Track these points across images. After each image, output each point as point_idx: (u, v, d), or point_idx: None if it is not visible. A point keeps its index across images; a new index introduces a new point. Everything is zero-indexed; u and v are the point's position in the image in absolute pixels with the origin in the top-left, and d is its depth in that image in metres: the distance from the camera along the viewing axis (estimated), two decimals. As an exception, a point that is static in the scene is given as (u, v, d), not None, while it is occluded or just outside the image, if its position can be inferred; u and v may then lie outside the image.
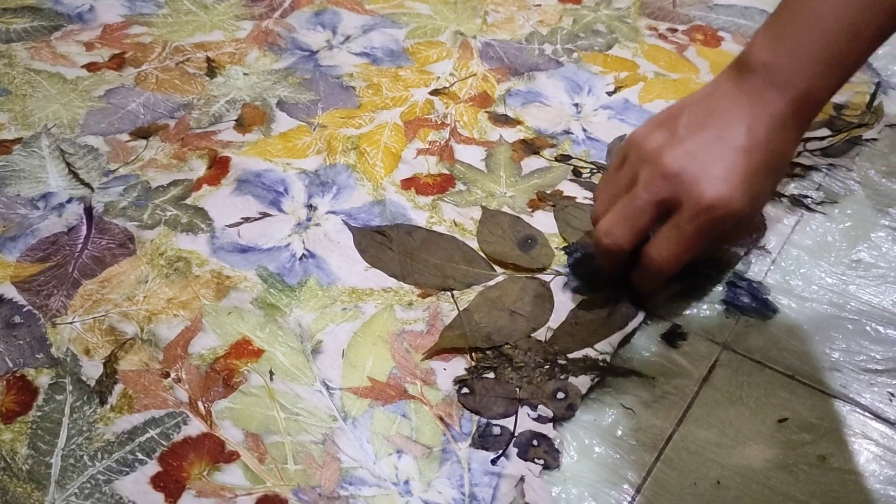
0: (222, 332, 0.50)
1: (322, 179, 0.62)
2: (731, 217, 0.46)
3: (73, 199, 0.60)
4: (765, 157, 0.46)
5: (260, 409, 0.46)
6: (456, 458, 0.44)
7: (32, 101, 0.71)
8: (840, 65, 0.46)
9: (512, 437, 0.45)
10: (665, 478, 0.43)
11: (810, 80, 0.46)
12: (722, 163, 0.46)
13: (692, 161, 0.46)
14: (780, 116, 0.46)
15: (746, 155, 0.46)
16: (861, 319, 0.51)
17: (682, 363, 0.49)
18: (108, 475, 0.43)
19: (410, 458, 0.44)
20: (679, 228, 0.47)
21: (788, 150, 0.48)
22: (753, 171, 0.46)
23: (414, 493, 0.43)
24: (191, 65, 0.76)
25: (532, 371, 0.48)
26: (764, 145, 0.46)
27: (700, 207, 0.45)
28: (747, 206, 0.46)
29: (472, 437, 0.45)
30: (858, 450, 0.45)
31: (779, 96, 0.46)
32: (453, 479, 0.43)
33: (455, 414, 0.46)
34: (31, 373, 0.48)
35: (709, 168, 0.46)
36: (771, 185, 0.48)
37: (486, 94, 0.72)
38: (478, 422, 0.46)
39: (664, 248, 0.47)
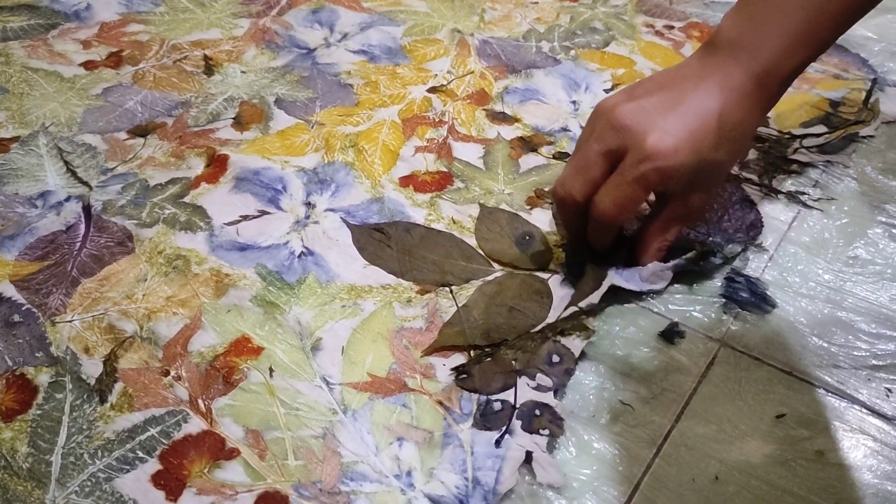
0: (222, 329, 0.51)
1: (320, 177, 0.62)
2: (673, 170, 0.47)
3: (71, 197, 0.60)
4: (718, 124, 0.47)
5: (260, 406, 0.46)
6: (458, 441, 0.45)
7: (30, 99, 0.71)
8: (803, 42, 0.47)
9: (513, 409, 0.46)
10: (664, 474, 0.44)
11: (772, 55, 0.47)
12: (671, 119, 0.47)
13: (643, 115, 0.47)
14: (739, 88, 0.47)
15: (698, 116, 0.47)
16: (858, 316, 0.52)
17: (680, 360, 0.49)
18: (109, 473, 0.43)
19: (412, 445, 0.45)
20: (622, 175, 0.48)
21: (747, 122, 0.48)
22: (703, 132, 0.47)
23: (416, 486, 0.43)
24: (188, 63, 0.76)
25: (525, 341, 0.49)
26: (718, 112, 0.47)
27: (642, 155, 0.46)
28: (691, 163, 0.47)
29: (473, 416, 0.46)
30: (856, 445, 0.45)
31: (740, 70, 0.47)
32: (456, 465, 0.44)
33: (454, 397, 0.47)
34: (30, 371, 0.48)
35: (658, 122, 0.47)
36: (725, 154, 0.48)
37: (483, 91, 0.72)
38: (478, 400, 0.47)
39: (607, 194, 0.48)
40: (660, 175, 0.47)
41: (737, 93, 0.47)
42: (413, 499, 0.42)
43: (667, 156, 0.46)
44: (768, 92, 0.48)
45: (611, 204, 0.48)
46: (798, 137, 0.66)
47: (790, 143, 0.66)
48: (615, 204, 0.48)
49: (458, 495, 0.42)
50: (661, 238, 0.52)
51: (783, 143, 0.66)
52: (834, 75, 0.74)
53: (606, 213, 0.49)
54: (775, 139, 0.66)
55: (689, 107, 0.47)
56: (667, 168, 0.46)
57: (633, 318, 0.52)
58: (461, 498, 0.42)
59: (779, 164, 0.64)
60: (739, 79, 0.47)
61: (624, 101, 0.48)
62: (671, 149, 0.46)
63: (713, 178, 0.50)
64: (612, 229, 0.51)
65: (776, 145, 0.65)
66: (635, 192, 0.48)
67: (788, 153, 0.65)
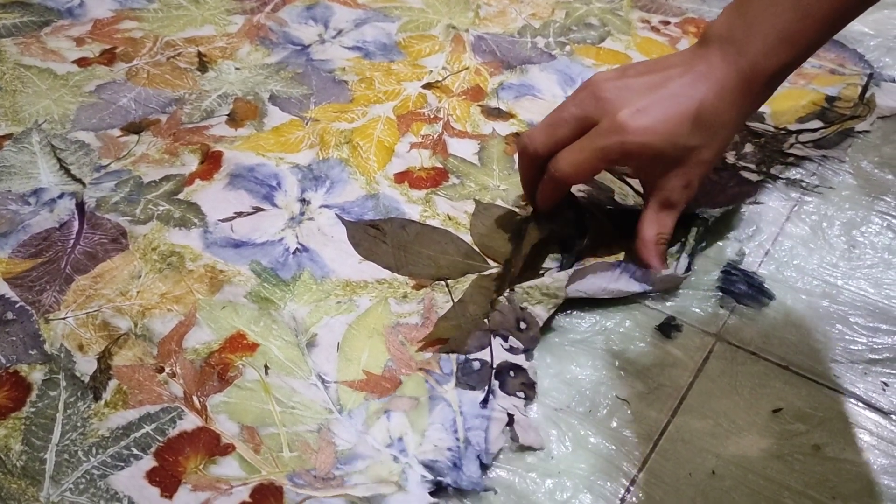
0: (216, 326, 0.50)
1: (315, 174, 0.62)
2: (637, 147, 0.48)
3: (64, 194, 0.60)
4: (696, 111, 0.48)
5: (255, 403, 0.46)
6: (445, 401, 0.45)
7: (23, 96, 0.71)
8: (791, 41, 0.48)
9: (492, 369, 0.47)
10: (660, 469, 0.43)
11: (759, 53, 0.48)
12: (650, 100, 0.48)
13: (625, 92, 0.49)
14: (723, 81, 0.48)
15: (676, 102, 0.48)
16: (854, 309, 0.52)
17: (676, 354, 0.49)
18: (103, 470, 0.43)
19: (400, 414, 0.45)
20: (588, 139, 0.49)
21: (727, 115, 0.49)
22: (678, 118, 0.48)
23: (409, 452, 0.43)
24: (182, 59, 0.76)
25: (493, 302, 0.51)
26: (699, 101, 0.48)
27: (612, 126, 0.48)
28: (658, 144, 0.48)
29: (454, 375, 0.47)
30: (853, 439, 0.45)
31: (726, 64, 0.48)
32: (447, 424, 0.44)
33: (433, 360, 0.48)
34: (24, 369, 0.48)
35: (636, 100, 0.48)
36: (700, 141, 0.49)
37: (478, 87, 0.72)
38: (457, 359, 0.47)
39: (567, 154, 0.50)
40: (622, 149, 0.48)
41: (720, 85, 0.48)
42: (407, 466, 0.42)
43: (635, 132, 0.48)
44: (753, 88, 0.49)
45: (567, 164, 0.50)
46: (794, 132, 0.66)
47: (786, 138, 0.66)
48: (571, 165, 0.50)
49: (451, 458, 0.43)
50: (656, 229, 0.52)
51: (779, 139, 0.65)
52: (830, 70, 0.74)
53: (560, 171, 0.50)
54: (771, 134, 0.66)
55: (669, 91, 0.48)
56: (631, 144, 0.48)
57: (629, 312, 0.52)
58: (454, 461, 0.42)
59: (775, 159, 0.63)
60: (725, 72, 0.48)
61: (612, 78, 0.50)
62: (640, 127, 0.48)
63: (689, 166, 0.50)
64: (559, 190, 0.52)
65: (772, 140, 0.65)
66: (594, 159, 0.49)
67: (785, 148, 0.65)
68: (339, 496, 0.41)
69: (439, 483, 0.42)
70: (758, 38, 0.48)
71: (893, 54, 0.75)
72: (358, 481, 0.42)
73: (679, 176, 0.50)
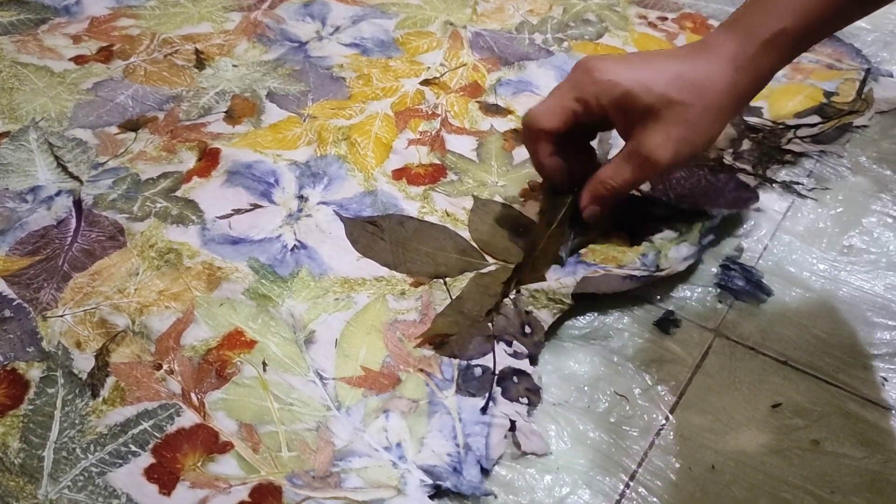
0: (214, 323, 0.50)
1: (313, 170, 0.62)
2: (609, 85, 0.48)
3: (62, 192, 0.60)
4: (681, 67, 0.48)
5: (253, 400, 0.46)
6: (444, 408, 0.45)
7: (20, 94, 0.70)
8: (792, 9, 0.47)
9: (493, 375, 0.46)
10: (659, 464, 0.43)
11: (756, 19, 0.48)
12: (628, 60, 0.49)
13: (610, 59, 0.50)
14: (717, 48, 0.48)
15: (660, 59, 0.49)
16: (853, 305, 0.52)
17: (675, 350, 0.49)
18: (102, 467, 0.43)
19: (398, 416, 0.45)
20: (560, 84, 0.51)
21: (720, 79, 0.48)
22: (660, 67, 0.48)
23: (408, 458, 0.43)
24: (179, 57, 0.76)
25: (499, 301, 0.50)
26: (686, 61, 0.48)
27: (582, 69, 0.49)
28: (634, 86, 0.47)
29: (455, 382, 0.46)
30: (852, 434, 0.45)
31: (724, 36, 0.48)
32: (445, 432, 0.44)
33: (434, 362, 0.47)
34: (21, 366, 0.48)
35: (616, 61, 0.49)
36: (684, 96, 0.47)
37: (476, 83, 0.72)
38: (458, 365, 0.47)
39: (540, 104, 0.51)
40: (592, 87, 0.48)
41: (712, 51, 0.48)
42: (406, 471, 0.42)
43: (606, 71, 0.48)
44: (749, 51, 0.48)
45: (540, 107, 0.51)
46: (792, 128, 0.66)
47: (784, 133, 0.65)
48: (543, 107, 0.51)
49: (451, 463, 0.42)
50: (609, 172, 0.51)
51: (777, 134, 0.65)
52: (827, 65, 0.73)
53: (531, 117, 0.51)
54: (769, 130, 0.66)
55: (658, 56, 0.50)
56: (601, 81, 0.48)
57: (628, 308, 0.52)
58: (455, 465, 0.42)
59: (773, 155, 0.63)
60: (720, 42, 0.48)
61: (605, 59, 0.50)
62: (612, 68, 0.48)
63: (669, 122, 0.48)
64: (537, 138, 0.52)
65: (770, 136, 0.65)
66: (565, 99, 0.50)
67: (783, 143, 0.64)
68: (339, 499, 0.41)
69: (439, 487, 0.42)
70: (753, 6, 0.48)
71: (891, 49, 0.75)
72: (356, 484, 0.42)
73: (656, 131, 0.48)
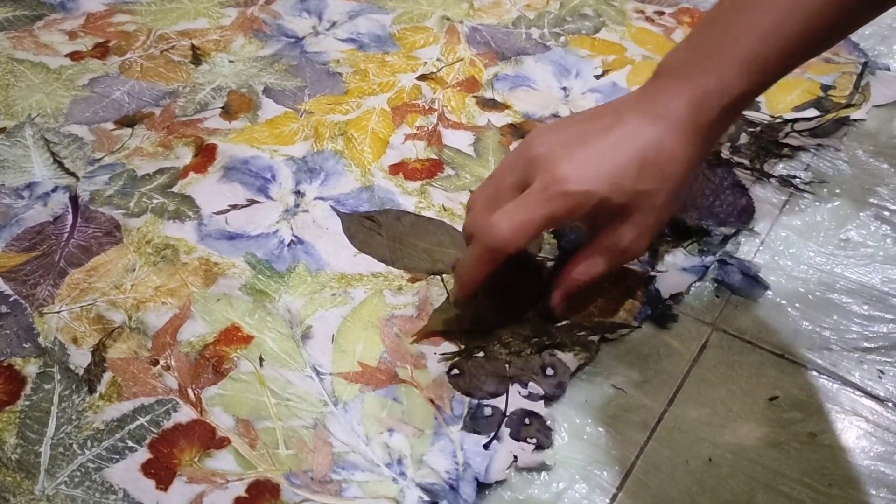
0: (211, 318, 0.50)
1: (310, 166, 0.62)
2: (582, 196, 0.43)
3: (58, 188, 0.60)
4: (643, 153, 0.43)
5: (250, 396, 0.46)
6: (448, 439, 0.44)
7: (15, 90, 0.70)
8: (748, 71, 0.44)
9: (503, 416, 0.45)
10: (657, 457, 0.43)
11: (713, 83, 0.44)
12: (590, 149, 0.44)
13: (558, 147, 0.44)
14: (672, 116, 0.44)
15: (620, 147, 0.44)
16: (850, 298, 0.52)
17: (672, 344, 0.49)
18: (98, 463, 0.43)
19: (402, 436, 0.44)
20: (526, 198, 0.44)
21: (679, 152, 0.44)
22: (624, 161, 0.43)
23: (408, 475, 0.42)
24: (175, 53, 0.75)
25: (521, 344, 0.48)
26: (646, 142, 0.44)
27: (550, 179, 0.43)
28: (604, 191, 0.43)
29: (463, 419, 0.45)
30: (849, 427, 0.45)
31: (678, 97, 0.44)
32: (446, 453, 0.43)
33: (446, 396, 0.46)
34: (18, 362, 0.48)
35: (573, 152, 0.44)
36: (652, 184, 0.44)
37: (473, 78, 0.72)
38: (469, 403, 0.46)
39: (505, 216, 0.44)
40: (566, 200, 0.43)
41: (669, 122, 0.44)
42: (405, 488, 0.42)
43: (576, 181, 0.43)
44: (706, 119, 0.44)
45: (507, 227, 0.43)
46: (789, 121, 0.66)
47: (781, 127, 0.65)
48: (511, 227, 0.43)
49: (448, 480, 0.42)
50: (583, 268, 0.47)
51: (774, 128, 0.65)
52: (825, 59, 0.73)
53: (497, 236, 0.44)
54: (767, 124, 0.66)
55: (613, 139, 0.44)
56: (574, 194, 0.43)
57: (625, 302, 0.52)
58: (452, 483, 0.42)
59: (770, 149, 0.63)
60: (675, 107, 0.44)
61: (547, 132, 0.46)
62: (581, 176, 0.43)
63: (642, 213, 0.45)
64: (493, 262, 0.45)
65: (768, 130, 0.65)
66: (536, 216, 0.43)
67: (780, 137, 0.64)
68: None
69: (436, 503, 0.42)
70: (713, 66, 0.44)
71: (888, 43, 0.75)
72: (356, 494, 0.42)
73: (631, 225, 0.45)
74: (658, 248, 0.54)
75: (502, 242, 0.44)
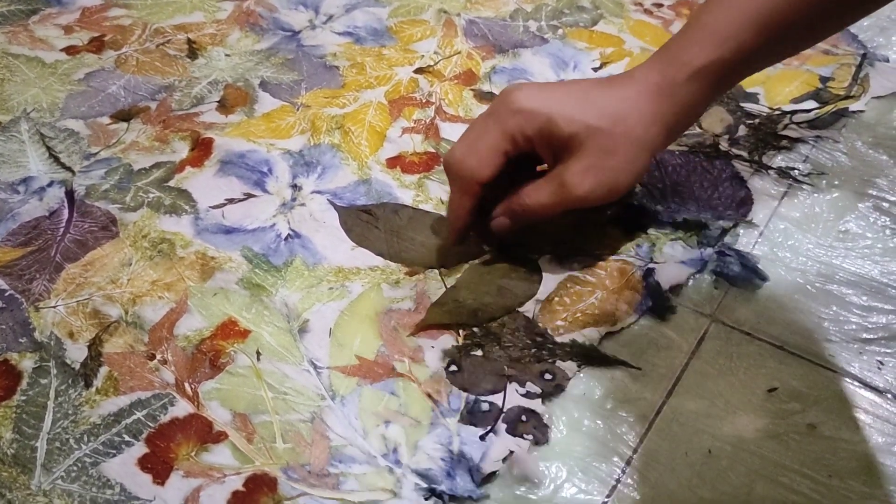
0: (208, 313, 0.50)
1: (306, 159, 0.61)
2: (531, 115, 0.46)
3: (53, 182, 0.60)
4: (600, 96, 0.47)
5: (247, 390, 0.46)
6: (445, 428, 0.44)
7: (11, 85, 0.70)
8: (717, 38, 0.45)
9: (501, 412, 0.45)
10: (656, 449, 0.43)
11: (680, 47, 0.46)
12: (553, 89, 0.48)
13: (530, 89, 0.48)
14: (638, 78, 0.47)
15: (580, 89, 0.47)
16: (849, 289, 0.51)
17: (670, 335, 0.49)
18: (95, 457, 0.43)
19: (398, 427, 0.44)
20: (483, 124, 0.48)
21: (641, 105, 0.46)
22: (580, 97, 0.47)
23: (403, 462, 0.42)
24: (171, 47, 0.75)
25: (520, 351, 0.48)
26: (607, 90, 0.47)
27: (504, 102, 0.47)
28: (555, 115, 0.46)
29: (460, 412, 0.45)
30: (848, 418, 0.45)
31: (646, 66, 0.48)
32: (442, 440, 0.43)
33: (444, 390, 0.46)
34: (14, 357, 0.48)
35: (532, 88, 0.48)
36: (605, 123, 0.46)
37: (470, 71, 0.72)
38: (466, 398, 0.46)
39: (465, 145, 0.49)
40: (516, 118, 0.47)
41: (634, 81, 0.47)
42: (401, 476, 0.42)
43: (528, 101, 0.46)
44: (671, 80, 0.46)
45: (471, 156, 0.48)
46: (788, 113, 0.66)
47: (780, 119, 0.65)
48: (474, 154, 0.48)
49: (445, 468, 0.42)
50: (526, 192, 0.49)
51: (773, 120, 0.65)
52: (824, 51, 0.73)
53: (465, 165, 0.48)
54: (765, 115, 0.66)
55: (573, 85, 0.48)
56: (524, 110, 0.46)
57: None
58: (448, 470, 0.42)
59: (769, 140, 0.63)
60: (642, 72, 0.47)
61: (526, 87, 0.49)
62: (533, 100, 0.47)
63: (590, 151, 0.46)
64: (471, 189, 0.49)
65: (766, 121, 0.65)
66: (492, 137, 0.47)
67: (779, 129, 0.64)
68: (335, 500, 0.41)
69: (434, 490, 0.42)
70: (685, 39, 0.47)
71: (887, 34, 0.75)
72: (353, 487, 0.42)
73: (578, 159, 0.46)
74: (655, 243, 0.54)
75: (470, 170, 0.48)
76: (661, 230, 0.55)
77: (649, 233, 0.55)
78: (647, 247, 0.54)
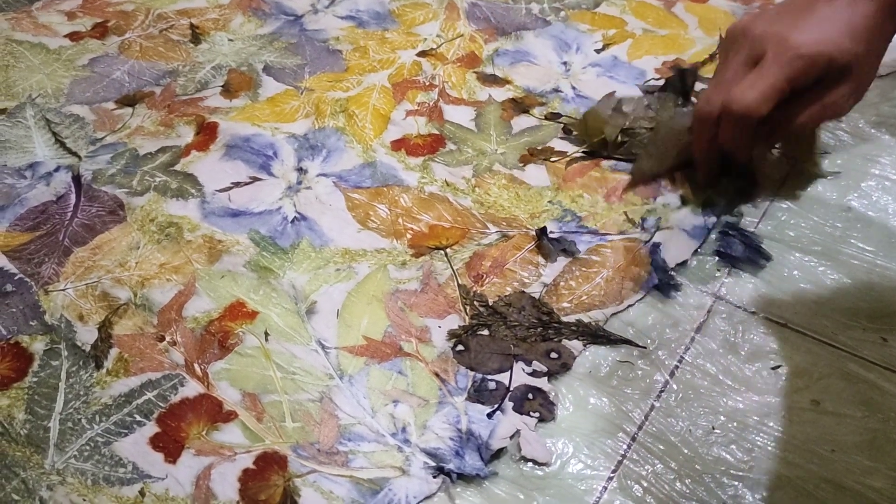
0: (216, 295, 0.50)
1: (311, 143, 0.62)
2: (816, 56, 0.49)
3: (60, 167, 0.60)
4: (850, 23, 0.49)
5: (256, 370, 0.46)
6: (453, 407, 0.45)
7: (15, 71, 0.70)
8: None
9: (507, 391, 0.45)
10: (660, 426, 0.44)
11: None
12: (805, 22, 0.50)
13: (778, 24, 0.50)
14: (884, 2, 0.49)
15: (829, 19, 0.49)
16: (851, 267, 0.52)
17: (675, 314, 0.49)
18: (107, 437, 0.43)
19: (407, 406, 0.45)
20: (764, 68, 0.50)
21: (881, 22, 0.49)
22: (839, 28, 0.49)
23: (412, 441, 0.43)
24: (175, 32, 0.75)
25: (526, 331, 0.48)
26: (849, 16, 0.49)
27: (784, 47, 0.49)
28: (833, 51, 0.48)
29: (467, 391, 0.45)
30: (851, 394, 0.45)
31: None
32: (450, 419, 0.44)
33: (451, 370, 0.46)
34: (25, 340, 0.48)
35: (795, 24, 0.50)
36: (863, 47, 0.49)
37: (473, 54, 0.72)
38: (473, 377, 0.46)
39: (747, 86, 0.50)
40: (802, 62, 0.49)
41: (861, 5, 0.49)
42: (410, 455, 0.42)
43: (807, 45, 0.48)
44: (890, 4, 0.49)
45: (752, 95, 0.49)
46: None
47: (783, 98, 0.65)
48: (756, 95, 0.49)
49: (453, 447, 0.42)
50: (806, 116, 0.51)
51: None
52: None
53: (743, 103, 0.50)
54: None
55: (819, 15, 0.50)
56: (807, 56, 0.48)
57: (628, 274, 0.52)
58: (457, 449, 0.42)
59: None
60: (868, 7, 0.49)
61: (756, 18, 0.52)
62: (810, 40, 0.49)
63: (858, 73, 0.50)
64: (748, 126, 0.51)
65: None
66: (777, 79, 0.49)
67: (781, 109, 0.64)
68: (345, 476, 0.42)
69: (442, 468, 0.42)
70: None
71: (890, 14, 0.75)
72: (362, 464, 0.42)
73: (849, 83, 0.50)
74: (661, 216, 0.54)
75: (752, 107, 0.50)
76: (667, 203, 0.55)
77: (656, 207, 0.55)
78: (652, 220, 0.54)
